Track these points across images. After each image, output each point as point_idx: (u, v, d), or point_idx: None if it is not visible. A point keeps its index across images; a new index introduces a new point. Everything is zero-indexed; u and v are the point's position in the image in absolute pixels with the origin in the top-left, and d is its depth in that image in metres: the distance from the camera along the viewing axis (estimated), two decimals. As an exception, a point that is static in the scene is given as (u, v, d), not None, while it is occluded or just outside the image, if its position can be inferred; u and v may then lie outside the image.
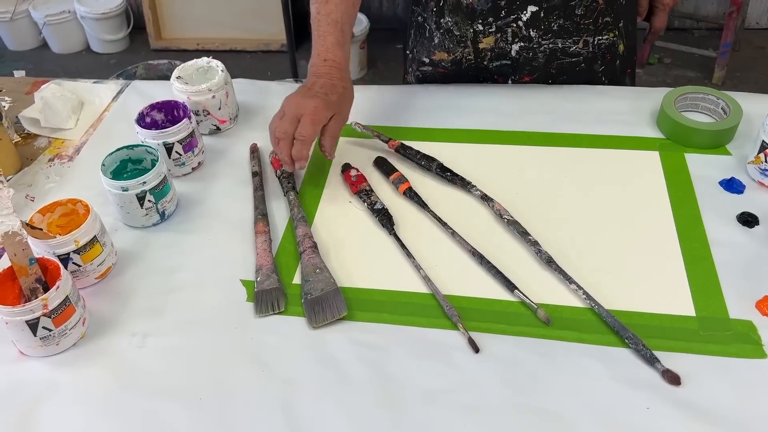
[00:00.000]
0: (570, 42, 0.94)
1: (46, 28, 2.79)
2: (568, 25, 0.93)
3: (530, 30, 0.93)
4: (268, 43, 2.73)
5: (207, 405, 0.63)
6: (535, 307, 0.68)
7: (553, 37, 0.93)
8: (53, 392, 0.65)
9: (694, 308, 0.68)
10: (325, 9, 0.84)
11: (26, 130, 0.99)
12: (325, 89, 0.81)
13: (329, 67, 0.83)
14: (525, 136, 0.91)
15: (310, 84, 0.82)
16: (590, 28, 0.94)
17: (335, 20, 0.83)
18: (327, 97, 0.80)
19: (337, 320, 0.69)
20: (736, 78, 2.41)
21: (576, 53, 0.96)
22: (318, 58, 0.83)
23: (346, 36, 0.85)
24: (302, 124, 0.78)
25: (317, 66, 0.83)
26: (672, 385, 0.61)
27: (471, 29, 0.94)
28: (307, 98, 0.79)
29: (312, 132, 0.78)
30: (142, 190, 0.77)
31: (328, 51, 0.83)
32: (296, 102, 0.79)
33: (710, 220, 0.77)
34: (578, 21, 0.92)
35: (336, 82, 0.82)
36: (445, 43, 0.97)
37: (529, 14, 0.91)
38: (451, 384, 0.63)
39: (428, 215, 0.80)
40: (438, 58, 1.00)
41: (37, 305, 0.63)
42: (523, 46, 0.95)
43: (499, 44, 0.95)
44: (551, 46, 0.94)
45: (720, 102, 0.90)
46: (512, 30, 0.93)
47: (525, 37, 0.94)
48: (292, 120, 0.78)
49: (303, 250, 0.75)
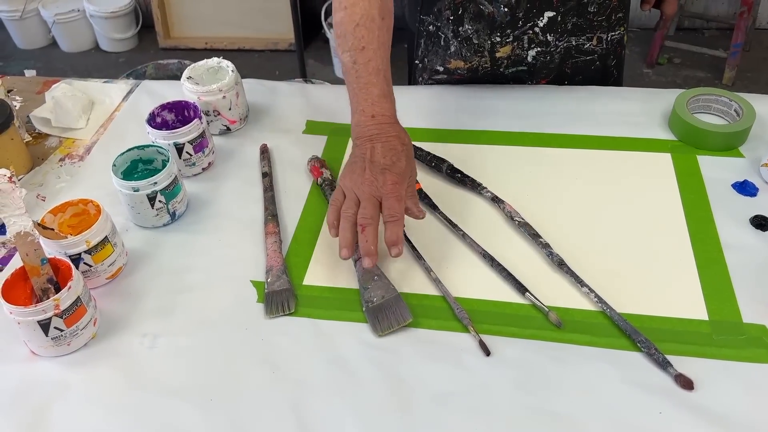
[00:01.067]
0: (584, 39, 0.93)
1: (55, 27, 2.80)
2: (582, 23, 0.92)
3: (547, 35, 0.92)
4: (276, 43, 2.74)
5: (218, 406, 0.63)
6: (546, 310, 0.68)
7: (567, 35, 0.93)
8: (64, 392, 0.65)
9: (707, 312, 0.67)
10: (362, 57, 0.74)
11: (37, 130, 0.99)
12: (390, 156, 0.71)
13: (380, 125, 0.72)
14: (536, 138, 0.90)
15: (369, 153, 0.71)
16: (603, 24, 0.93)
17: (376, 68, 0.74)
18: (397, 167, 0.70)
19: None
20: (746, 78, 2.39)
21: (590, 50, 0.95)
22: (364, 116, 0.73)
23: (390, 85, 0.75)
24: (389, 205, 0.69)
25: (366, 126, 0.73)
26: (685, 390, 0.61)
27: (489, 40, 0.93)
28: (378, 175, 0.70)
29: (402, 210, 0.70)
30: (152, 191, 0.77)
31: (375, 105, 0.73)
32: (367, 181, 0.70)
33: (723, 223, 0.76)
34: (591, 18, 0.92)
35: (395, 144, 0.72)
36: (462, 52, 0.96)
37: (546, 20, 0.91)
38: (462, 387, 0.63)
39: (438, 216, 0.80)
40: (454, 66, 0.98)
41: (48, 305, 0.63)
42: (540, 51, 0.94)
43: (516, 51, 0.95)
44: (565, 44, 0.94)
45: (733, 104, 0.89)
46: (528, 37, 0.93)
47: (542, 42, 0.93)
48: (373, 202, 0.69)
49: (357, 257, 0.72)
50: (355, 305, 0.71)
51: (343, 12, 0.76)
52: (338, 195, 0.72)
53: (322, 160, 0.87)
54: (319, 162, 0.87)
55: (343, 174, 0.74)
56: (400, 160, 0.71)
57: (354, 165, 0.73)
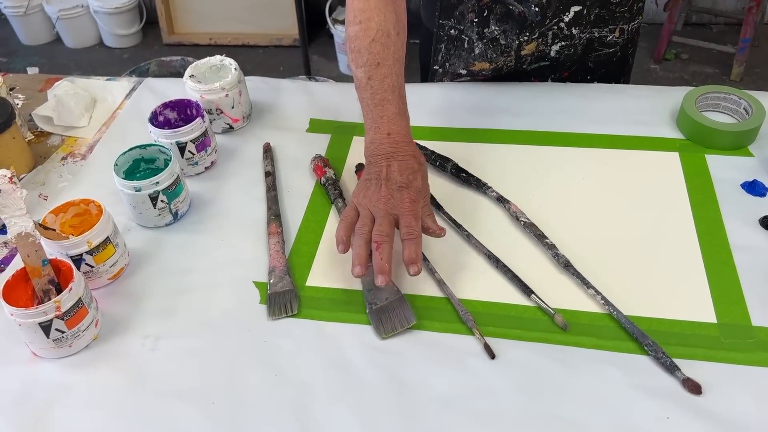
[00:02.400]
0: (606, 31, 0.92)
1: (59, 23, 2.80)
2: (604, 14, 0.91)
3: (572, 28, 0.91)
4: (280, 38, 2.73)
5: (220, 408, 0.62)
6: (552, 313, 0.67)
7: (590, 27, 0.92)
8: (66, 394, 0.64)
9: (715, 315, 0.66)
10: (378, 73, 0.73)
11: (39, 128, 0.99)
12: (406, 175, 0.70)
13: (396, 143, 0.72)
14: (541, 136, 0.89)
15: (385, 171, 0.70)
16: (626, 15, 0.92)
17: (392, 85, 0.73)
18: (414, 185, 0.70)
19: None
20: (755, 74, 2.37)
21: (612, 43, 0.94)
22: (380, 133, 0.72)
23: (405, 103, 0.75)
24: (407, 223, 0.68)
25: (382, 144, 0.72)
26: (693, 394, 0.60)
27: (517, 40, 0.92)
28: (394, 192, 0.69)
29: (420, 228, 0.68)
30: (155, 191, 0.76)
31: (391, 123, 0.72)
32: (383, 198, 0.69)
33: (732, 223, 0.75)
34: (614, 9, 0.91)
35: (411, 162, 0.71)
36: (488, 53, 0.94)
37: (572, 14, 0.90)
38: (466, 390, 0.62)
39: (443, 217, 0.79)
40: (478, 68, 0.97)
41: (50, 307, 0.63)
42: (564, 45, 0.93)
43: (540, 48, 0.94)
44: (588, 36, 0.92)
45: (742, 102, 0.88)
46: (553, 32, 0.91)
47: (566, 36, 0.92)
48: (390, 220, 0.68)
49: None
50: (358, 307, 0.70)
51: (357, 26, 0.75)
52: (350, 212, 0.71)
53: (326, 159, 0.86)
54: (323, 161, 0.86)
55: (356, 191, 0.72)
56: (417, 179, 0.71)
57: (369, 182, 0.71)
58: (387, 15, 0.74)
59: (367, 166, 0.73)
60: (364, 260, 0.67)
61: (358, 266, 0.67)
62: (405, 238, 0.67)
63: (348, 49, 0.77)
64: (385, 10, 0.75)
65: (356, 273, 0.67)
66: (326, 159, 0.87)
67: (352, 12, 0.76)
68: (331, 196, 0.81)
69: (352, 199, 0.72)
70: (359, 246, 0.68)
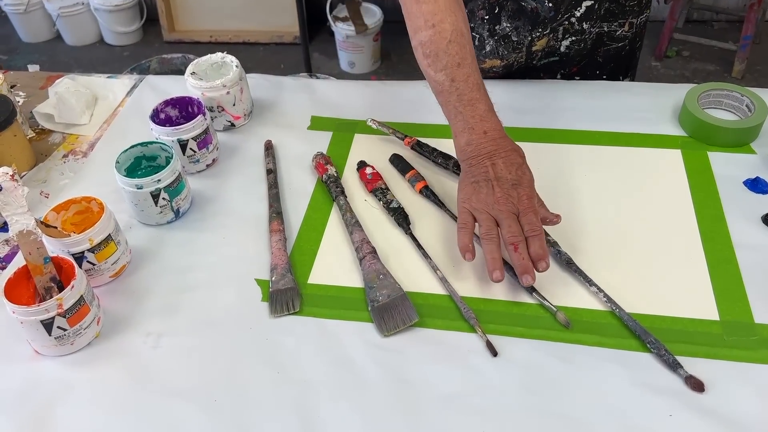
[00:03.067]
0: (616, 25, 0.92)
1: (59, 20, 2.80)
2: (614, 8, 0.91)
3: (583, 23, 0.91)
4: (281, 36, 2.72)
5: (222, 406, 0.62)
6: (554, 310, 0.67)
7: (600, 21, 0.91)
8: (68, 392, 0.64)
9: (717, 312, 0.66)
10: (461, 74, 0.72)
11: (40, 126, 0.98)
12: (514, 171, 0.70)
13: (495, 140, 0.71)
14: (543, 134, 0.89)
15: (491, 171, 0.70)
16: (635, 9, 0.92)
17: (477, 83, 0.73)
18: (525, 180, 0.70)
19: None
20: (756, 71, 2.36)
21: (622, 37, 0.94)
22: (475, 134, 0.71)
23: (490, 98, 0.74)
24: (529, 220, 0.67)
25: (481, 144, 0.71)
26: (695, 392, 0.60)
27: (530, 36, 0.92)
28: (510, 191, 0.69)
29: (540, 223, 0.68)
30: (156, 188, 0.76)
31: (485, 121, 0.71)
32: (501, 200, 0.68)
33: (734, 221, 0.75)
34: (624, 3, 0.91)
35: (515, 157, 0.71)
36: (499, 50, 0.94)
37: (583, 9, 0.89)
38: (469, 388, 0.62)
39: (445, 214, 0.79)
40: (489, 65, 0.96)
41: (52, 305, 0.63)
42: (574, 40, 0.93)
43: (550, 43, 0.93)
44: (597, 30, 0.92)
45: (744, 99, 0.87)
46: (564, 27, 0.91)
47: (577, 30, 0.92)
48: (515, 219, 0.68)
49: (363, 256, 0.72)
50: (360, 304, 0.70)
51: (431, 30, 0.73)
52: (467, 218, 0.70)
53: (327, 157, 0.86)
54: (324, 159, 0.86)
55: (464, 196, 0.71)
56: (525, 173, 0.70)
57: (477, 185, 0.70)
58: (458, 14, 0.74)
59: (468, 169, 0.72)
60: (501, 264, 0.67)
61: (497, 270, 0.66)
62: (529, 236, 0.67)
63: (422, 54, 0.74)
64: (455, 9, 0.74)
65: (496, 278, 0.66)
66: (328, 156, 0.87)
67: (421, 17, 0.74)
68: (333, 194, 0.81)
69: (462, 205, 0.71)
70: (493, 251, 0.67)
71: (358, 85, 1.01)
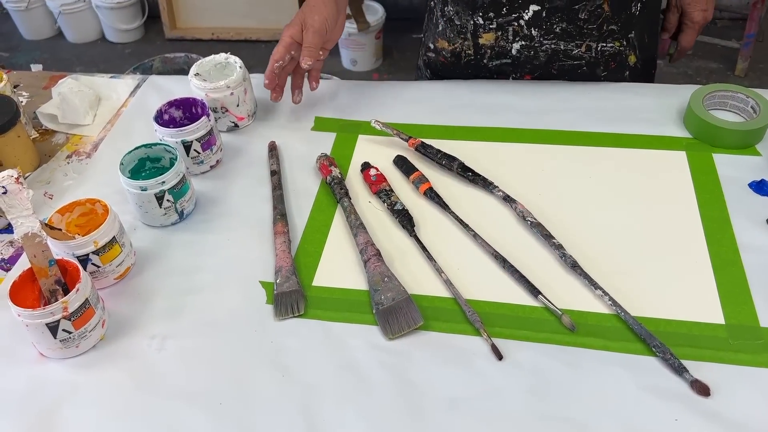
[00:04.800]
0: (572, 45, 0.93)
1: (61, 18, 2.79)
2: (571, 29, 0.91)
3: (532, 29, 0.92)
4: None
5: (227, 409, 0.62)
6: (559, 314, 0.67)
7: (555, 38, 0.92)
8: (73, 394, 0.64)
9: (723, 316, 0.66)
10: None
11: (44, 126, 0.98)
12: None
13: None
14: (548, 135, 0.89)
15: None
16: (594, 33, 0.92)
17: None
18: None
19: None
20: (759, 69, 2.36)
21: (578, 56, 0.94)
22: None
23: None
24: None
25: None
26: (701, 396, 0.60)
27: (471, 21, 0.93)
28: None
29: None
30: (160, 190, 0.76)
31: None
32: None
33: (739, 223, 0.75)
34: (581, 25, 0.91)
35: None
36: (447, 32, 0.97)
37: (531, 13, 0.90)
38: (474, 391, 0.62)
39: (449, 217, 0.79)
40: (440, 45, 1.00)
41: (57, 308, 0.63)
42: (525, 45, 0.94)
43: (500, 43, 0.94)
44: (553, 46, 0.93)
45: (749, 100, 0.87)
46: (513, 29, 0.92)
47: (526, 36, 0.93)
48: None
49: (367, 258, 0.72)
50: (365, 307, 0.70)
51: None
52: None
53: (331, 158, 0.86)
54: (328, 160, 0.85)
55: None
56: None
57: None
58: None
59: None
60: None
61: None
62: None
63: None
64: None
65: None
66: (332, 158, 0.86)
67: None
68: (337, 195, 0.81)
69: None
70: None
71: (362, 86, 1.01)
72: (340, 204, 0.81)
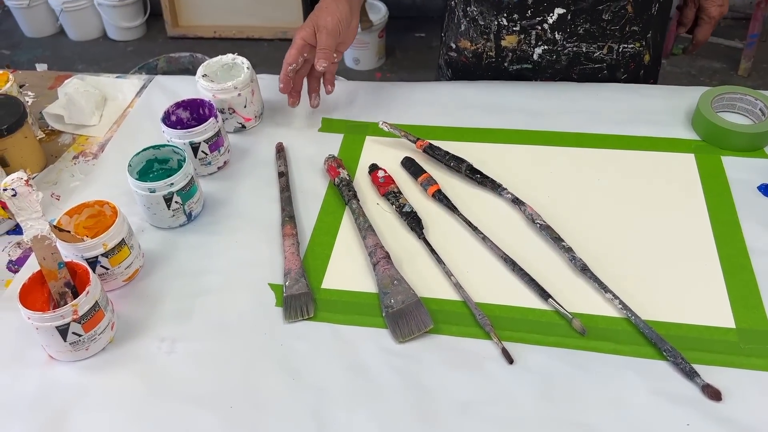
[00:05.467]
0: (594, 47, 0.92)
1: (63, 15, 2.79)
2: (594, 30, 0.91)
3: (555, 33, 0.91)
4: (285, 32, 2.71)
5: (238, 413, 0.62)
6: (569, 317, 0.66)
7: (578, 40, 0.92)
8: (83, 397, 0.64)
9: (733, 320, 0.66)
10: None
11: (50, 127, 0.98)
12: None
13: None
14: (556, 137, 0.89)
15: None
16: (616, 35, 0.92)
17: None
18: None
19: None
20: (762, 69, 2.36)
21: (599, 59, 0.94)
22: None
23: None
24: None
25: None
26: (713, 401, 0.60)
27: (495, 21, 0.92)
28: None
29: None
30: (169, 192, 0.76)
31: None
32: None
33: (749, 226, 0.75)
34: (604, 26, 0.91)
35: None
36: (470, 32, 0.97)
37: (555, 16, 0.90)
38: (485, 396, 0.62)
39: (458, 219, 0.78)
40: (462, 46, 1.00)
41: (67, 311, 0.63)
42: (547, 49, 0.93)
43: (522, 46, 0.94)
44: (575, 49, 0.93)
45: (758, 103, 0.87)
46: (536, 33, 0.92)
47: (549, 40, 0.92)
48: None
49: (376, 261, 0.72)
50: (374, 310, 0.70)
51: None
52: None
53: (339, 160, 0.86)
54: (336, 162, 0.85)
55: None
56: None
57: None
58: None
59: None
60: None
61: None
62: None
63: None
64: None
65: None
66: (340, 159, 0.86)
67: None
68: (345, 198, 0.81)
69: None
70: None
71: (369, 86, 1.01)
72: (349, 206, 0.80)
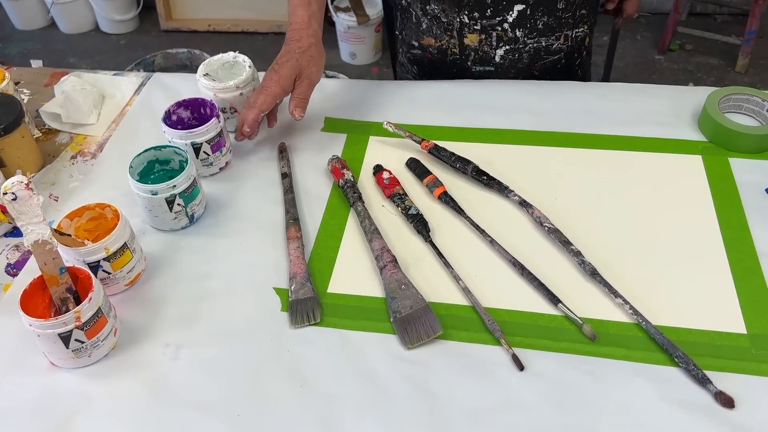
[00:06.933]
0: (552, 39, 0.94)
1: (54, 8, 2.75)
2: (551, 22, 0.92)
3: (516, 30, 0.92)
4: (280, 25, 2.68)
5: (246, 421, 0.61)
6: (580, 323, 0.66)
7: (538, 35, 0.93)
8: (86, 405, 0.63)
9: (744, 325, 0.65)
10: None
11: (47, 126, 0.96)
12: (280, 57, 0.84)
13: (293, 31, 0.86)
14: (563, 137, 0.88)
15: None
16: (569, 21, 0.93)
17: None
18: (276, 65, 0.83)
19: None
20: (760, 66, 2.35)
21: (557, 50, 0.95)
22: (288, 27, 0.87)
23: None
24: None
25: (287, 34, 0.86)
26: (725, 408, 0.59)
27: (458, 18, 0.93)
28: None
29: (258, 100, 0.82)
30: (171, 194, 0.75)
31: (293, 15, 0.86)
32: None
33: (758, 229, 0.74)
34: (560, 15, 0.92)
35: (293, 46, 0.84)
36: (433, 29, 0.97)
37: (515, 14, 0.90)
38: (495, 403, 0.61)
39: (465, 221, 0.77)
40: (426, 42, 1.00)
41: (69, 318, 0.61)
42: (509, 49, 0.94)
43: (484, 47, 0.94)
44: (535, 45, 0.93)
45: (765, 104, 0.86)
46: (497, 34, 0.92)
47: (511, 39, 0.93)
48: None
49: (383, 265, 0.71)
50: (382, 315, 0.69)
51: None
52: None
53: (343, 161, 0.85)
54: (340, 163, 0.84)
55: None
56: (286, 58, 0.84)
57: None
58: None
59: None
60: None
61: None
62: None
63: None
64: None
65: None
66: (344, 160, 0.85)
67: None
68: (350, 199, 0.80)
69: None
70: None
71: (372, 85, 1.00)
72: (354, 208, 0.79)
